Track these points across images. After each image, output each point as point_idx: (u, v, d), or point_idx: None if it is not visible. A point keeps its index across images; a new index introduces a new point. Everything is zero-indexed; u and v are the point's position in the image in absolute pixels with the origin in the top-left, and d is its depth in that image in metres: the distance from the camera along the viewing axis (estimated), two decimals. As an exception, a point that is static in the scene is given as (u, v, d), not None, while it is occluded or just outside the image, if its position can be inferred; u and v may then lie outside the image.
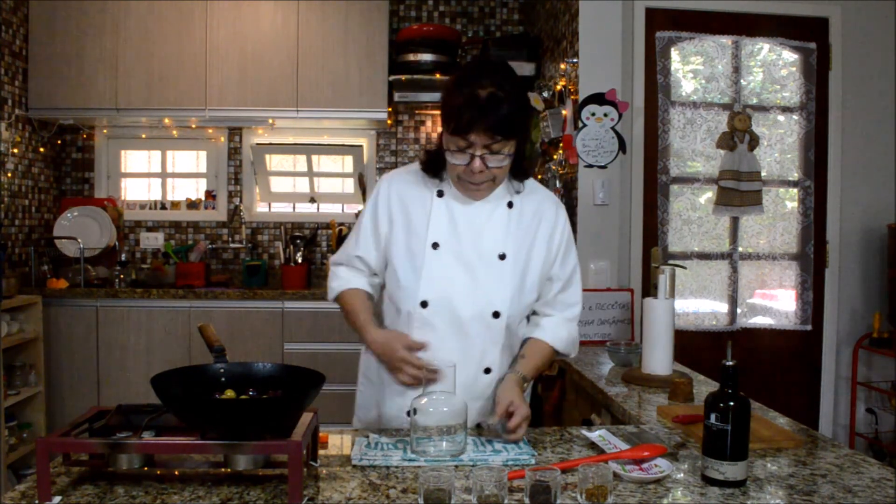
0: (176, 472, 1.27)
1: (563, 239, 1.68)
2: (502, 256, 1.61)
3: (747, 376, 3.26)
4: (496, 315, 1.60)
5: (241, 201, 4.48)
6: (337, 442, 1.48)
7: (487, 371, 1.64)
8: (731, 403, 1.25)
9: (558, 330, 1.69)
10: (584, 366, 2.49)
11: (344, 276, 1.72)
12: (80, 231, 4.15)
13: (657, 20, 3.35)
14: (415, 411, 1.43)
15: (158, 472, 1.27)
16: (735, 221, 3.45)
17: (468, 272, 1.60)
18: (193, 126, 4.37)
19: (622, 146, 3.07)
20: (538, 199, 1.69)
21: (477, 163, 1.50)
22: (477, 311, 1.60)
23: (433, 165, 1.64)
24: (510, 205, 1.65)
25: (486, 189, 1.60)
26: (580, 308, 1.74)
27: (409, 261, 1.62)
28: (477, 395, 1.64)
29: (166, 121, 4.25)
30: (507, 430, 1.47)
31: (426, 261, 1.60)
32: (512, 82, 1.51)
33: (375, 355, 1.67)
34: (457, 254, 1.61)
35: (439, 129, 1.59)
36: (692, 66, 3.47)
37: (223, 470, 1.27)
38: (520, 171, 1.64)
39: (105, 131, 4.43)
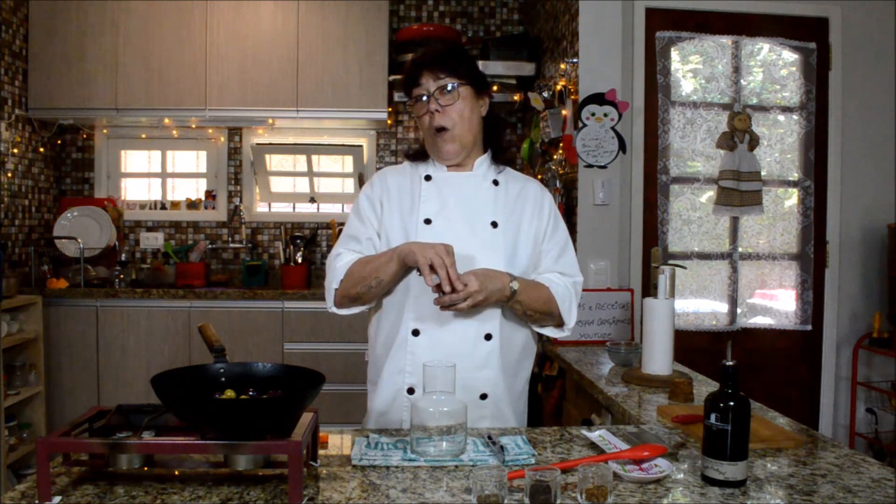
0: (176, 472, 1.27)
1: (550, 214, 1.77)
2: (494, 224, 1.69)
3: (747, 376, 3.26)
4: None
5: (241, 201, 4.48)
6: (337, 442, 1.48)
7: (488, 338, 1.66)
8: (731, 403, 1.25)
9: (557, 282, 1.71)
10: (584, 366, 2.49)
11: (347, 257, 1.69)
12: (80, 231, 4.15)
13: (657, 20, 3.35)
14: (410, 389, 1.60)
15: (158, 472, 1.27)
16: (735, 221, 3.45)
17: (462, 243, 1.64)
18: (193, 126, 4.37)
19: (622, 146, 3.07)
20: (521, 181, 1.81)
21: (432, 103, 1.66)
22: None
23: (419, 153, 1.79)
24: (496, 182, 1.76)
25: (451, 143, 1.69)
26: (581, 280, 1.77)
27: (404, 237, 1.68)
28: (479, 363, 1.65)
29: (166, 121, 4.25)
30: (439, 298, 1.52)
31: (419, 235, 1.66)
32: (458, 45, 1.68)
33: (408, 252, 1.57)
34: (449, 228, 1.68)
35: None
36: (692, 66, 3.47)
37: (223, 470, 1.27)
38: (497, 150, 1.79)
39: (105, 131, 4.43)
